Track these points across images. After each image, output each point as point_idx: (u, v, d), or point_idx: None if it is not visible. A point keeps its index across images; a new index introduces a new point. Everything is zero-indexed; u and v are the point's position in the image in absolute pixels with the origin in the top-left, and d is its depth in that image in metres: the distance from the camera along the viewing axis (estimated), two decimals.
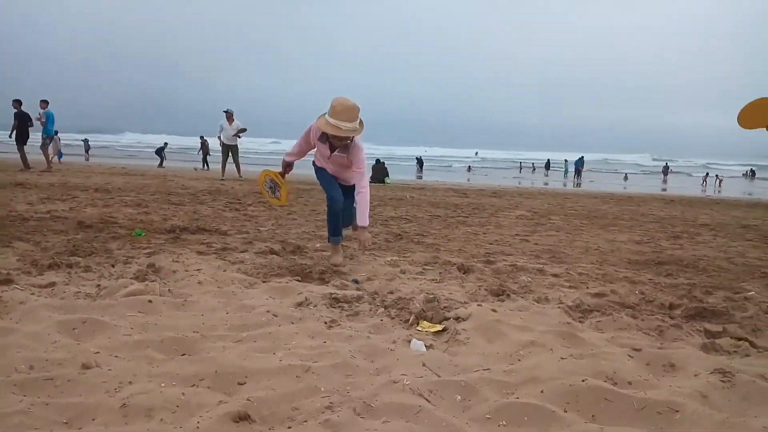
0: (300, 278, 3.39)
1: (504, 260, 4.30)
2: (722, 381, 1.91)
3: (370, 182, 4.34)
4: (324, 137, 3.85)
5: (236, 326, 2.49)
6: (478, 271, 3.84)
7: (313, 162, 4.21)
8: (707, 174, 34.81)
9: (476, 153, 74.54)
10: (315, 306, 2.79)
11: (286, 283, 3.23)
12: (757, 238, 6.36)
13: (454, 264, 3.99)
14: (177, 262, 3.63)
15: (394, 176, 17.57)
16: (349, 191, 4.15)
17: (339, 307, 2.81)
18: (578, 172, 34.19)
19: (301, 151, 4.20)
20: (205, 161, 22.59)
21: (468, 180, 25.13)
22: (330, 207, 4.03)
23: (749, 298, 3.29)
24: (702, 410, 1.71)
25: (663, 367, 2.13)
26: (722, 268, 4.41)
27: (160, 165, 22.81)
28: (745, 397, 1.86)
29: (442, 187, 14.75)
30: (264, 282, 3.30)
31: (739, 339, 2.55)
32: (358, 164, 3.87)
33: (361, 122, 3.76)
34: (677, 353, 2.23)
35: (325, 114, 3.71)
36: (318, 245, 4.57)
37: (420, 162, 37.75)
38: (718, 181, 32.54)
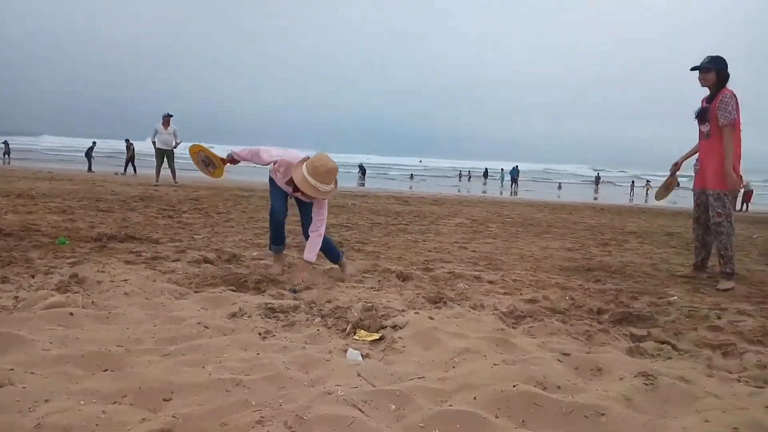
0: (234, 288, 3.30)
1: (442, 267, 4.35)
2: (645, 384, 1.99)
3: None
4: (291, 183, 3.63)
5: (164, 339, 2.39)
6: (417, 278, 3.86)
7: (270, 174, 3.97)
8: (633, 182, 36.58)
9: (420, 161, 75.59)
10: (249, 316, 2.71)
11: (220, 293, 3.13)
12: (680, 245, 6.73)
13: (394, 272, 3.99)
14: (102, 272, 3.46)
15: (348, 184, 17.43)
16: (302, 220, 3.99)
17: (274, 317, 2.75)
18: (514, 180, 35.28)
19: (253, 162, 3.89)
20: (131, 165, 21.67)
21: (410, 188, 25.39)
22: (271, 216, 3.94)
23: (672, 303, 3.47)
24: (626, 413, 1.77)
25: (590, 371, 2.20)
26: (647, 274, 4.64)
27: (89, 169, 21.78)
28: (666, 399, 1.94)
29: (384, 195, 14.82)
30: (196, 292, 3.19)
31: (662, 342, 2.68)
32: (320, 210, 3.72)
33: (335, 182, 3.62)
34: (604, 357, 2.31)
35: (302, 167, 3.49)
36: (255, 253, 4.47)
37: (362, 169, 37.84)
38: (646, 189, 34.33)
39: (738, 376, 2.26)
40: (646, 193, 32.59)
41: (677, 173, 4.81)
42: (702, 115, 4.29)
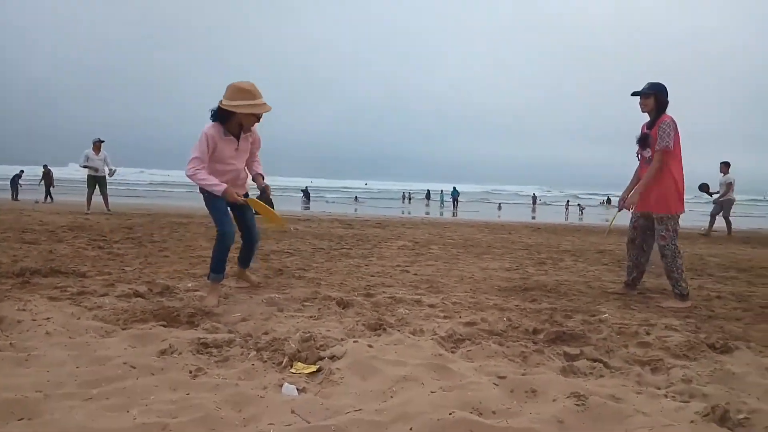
0: (165, 323, 3.16)
1: (384, 292, 4.34)
2: (576, 405, 2.03)
3: (255, 214, 4.23)
4: (227, 133, 3.82)
5: (87, 382, 2.25)
6: (358, 305, 3.83)
7: (202, 190, 3.87)
8: (568, 202, 38.03)
9: (365, 183, 76.04)
10: (180, 353, 2.60)
11: (149, 329, 2.99)
12: (612, 262, 7.00)
13: (334, 299, 3.95)
14: (23, 310, 3.25)
15: (279, 207, 17.26)
16: (246, 226, 4.16)
17: (207, 353, 2.65)
18: (455, 201, 35.97)
19: (199, 178, 3.77)
20: (48, 193, 20.70)
21: (354, 210, 25.40)
22: (222, 241, 3.86)
23: (603, 321, 3.59)
24: None
25: (525, 393, 2.23)
26: (581, 291, 4.79)
27: (14, 197, 20.62)
28: (597, 418, 1.98)
29: (327, 219, 14.74)
30: (124, 329, 3.03)
31: (594, 360, 2.76)
32: (258, 141, 4.14)
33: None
34: (538, 379, 2.35)
35: (228, 102, 3.69)
36: (190, 284, 4.32)
37: (306, 193, 37.61)
38: (580, 209, 35.76)
39: (665, 391, 2.35)
40: (581, 212, 33.95)
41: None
42: (643, 141, 4.45)
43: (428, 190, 42.97)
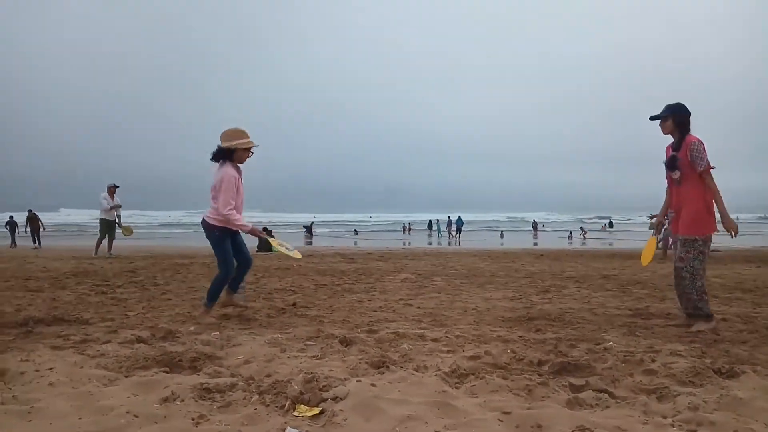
0: (168, 369, 3.15)
1: (387, 328, 4.33)
2: None
3: (258, 251, 5.28)
4: (239, 170, 4.59)
5: None
6: (361, 342, 3.82)
7: (215, 228, 4.57)
8: (570, 233, 37.89)
9: (370, 216, 76.27)
10: (182, 400, 2.59)
11: (152, 376, 2.98)
12: (616, 288, 6.98)
13: (337, 337, 3.93)
14: (27, 361, 3.24)
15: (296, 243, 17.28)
16: (241, 252, 4.84)
17: (210, 398, 2.63)
18: (459, 230, 35.90)
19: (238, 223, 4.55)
20: (35, 238, 20.70)
21: (355, 243, 25.40)
22: (225, 277, 4.66)
23: (608, 349, 3.56)
24: None
25: (531, 428, 2.21)
26: (585, 319, 4.76)
27: (12, 245, 20.69)
28: None
29: (330, 253, 14.76)
30: (126, 377, 3.02)
31: (600, 391, 2.73)
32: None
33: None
34: (543, 413, 2.33)
35: (227, 144, 4.49)
36: (192, 328, 4.31)
37: (309, 229, 37.64)
38: (582, 234, 35.70)
39: (672, 420, 2.33)
40: (583, 238, 33.87)
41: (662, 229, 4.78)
42: (672, 163, 4.39)
43: (430, 220, 42.96)
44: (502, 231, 42.59)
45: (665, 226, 4.84)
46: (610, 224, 50.23)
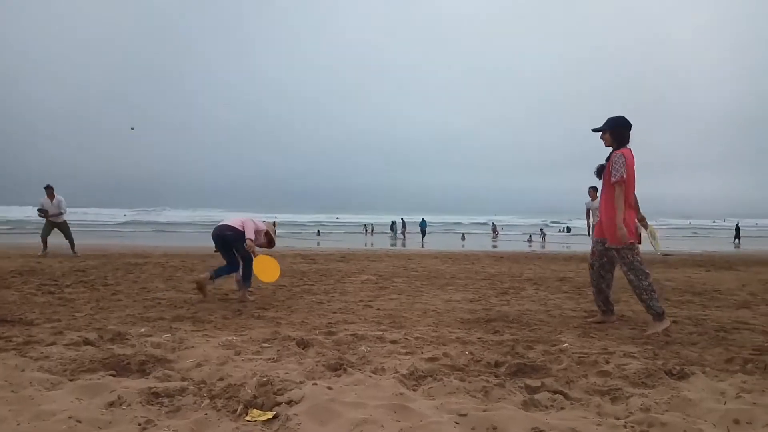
0: (115, 372, 3.01)
1: (346, 330, 4.27)
2: None
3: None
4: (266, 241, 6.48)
5: None
6: (318, 344, 3.76)
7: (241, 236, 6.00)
8: (530, 236, 38.58)
9: (337, 218, 76.00)
10: (129, 405, 2.48)
11: (98, 379, 2.85)
12: (572, 290, 7.10)
13: (294, 339, 3.86)
14: None
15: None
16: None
17: (158, 403, 2.53)
18: (423, 232, 36.09)
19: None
20: None
21: (318, 244, 25.20)
22: (249, 266, 6.03)
23: (564, 350, 3.60)
24: None
25: (486, 430, 2.20)
26: (542, 321, 4.82)
27: None
28: None
29: (290, 253, 14.56)
30: (71, 380, 2.88)
31: (555, 392, 2.75)
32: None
33: None
34: (499, 415, 2.32)
35: (270, 230, 6.50)
36: (143, 329, 4.15)
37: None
38: (542, 236, 36.40)
39: (624, 421, 2.35)
40: (543, 238, 34.55)
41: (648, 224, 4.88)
42: (598, 173, 4.62)
43: (392, 222, 42.95)
44: (463, 233, 42.98)
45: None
46: (568, 229, 51.39)
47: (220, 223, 6.15)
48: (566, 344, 3.78)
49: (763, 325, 4.67)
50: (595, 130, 4.63)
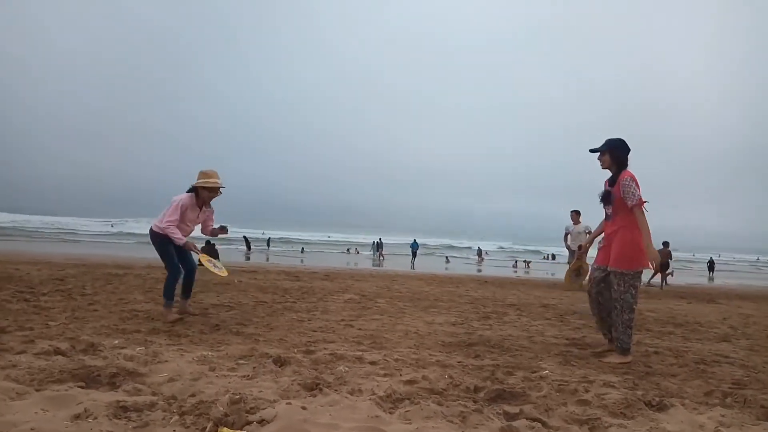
0: (84, 384, 2.93)
1: (325, 349, 4.20)
2: None
3: (199, 265, 5.70)
4: (194, 204, 5.46)
5: None
6: (296, 362, 3.69)
7: (159, 236, 5.38)
8: (515, 262, 38.69)
9: (329, 236, 75.45)
10: (95, 418, 2.40)
11: (66, 390, 2.76)
12: (555, 317, 7.08)
13: (271, 356, 3.78)
14: None
15: (225, 259, 16.91)
16: (188, 262, 5.66)
17: (126, 417, 2.45)
18: (414, 254, 35.92)
19: (174, 232, 5.32)
20: None
21: (302, 261, 25.04)
22: (172, 275, 5.40)
23: (544, 377, 3.57)
24: None
25: None
26: (524, 347, 4.78)
27: None
28: None
29: (275, 270, 14.43)
30: (38, 390, 2.79)
31: (533, 420, 2.71)
32: (212, 212, 5.73)
33: None
34: None
35: (196, 185, 5.42)
36: (117, 341, 4.06)
37: (247, 242, 36.46)
38: (526, 263, 36.54)
39: None
40: (527, 266, 34.65)
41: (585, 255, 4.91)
42: (606, 198, 4.48)
43: (374, 241, 42.58)
44: (446, 256, 42.94)
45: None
46: (552, 257, 51.61)
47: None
48: (546, 371, 3.75)
49: (742, 359, 4.67)
50: (593, 151, 4.55)
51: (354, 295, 8.67)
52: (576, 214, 12.61)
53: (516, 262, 38.90)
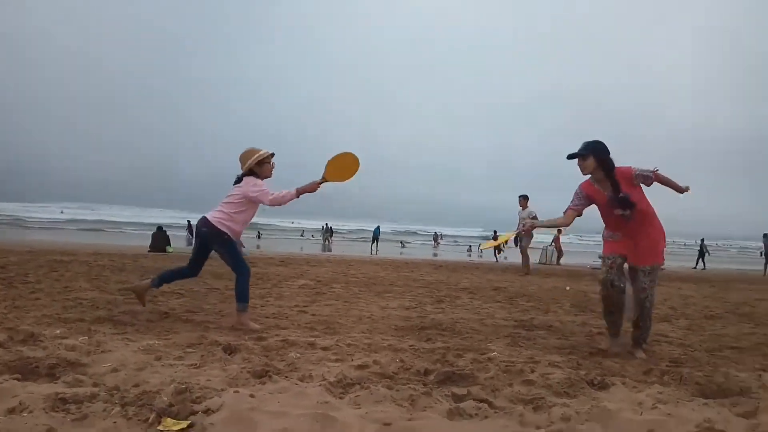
0: (21, 376, 2.81)
1: (277, 335, 4.17)
2: None
3: (150, 251, 5.45)
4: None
5: None
6: (246, 350, 3.64)
7: (223, 233, 4.74)
8: (470, 247, 39.31)
9: (292, 222, 74.27)
10: (31, 411, 2.30)
11: (0, 383, 2.64)
12: (505, 300, 7.25)
13: (221, 344, 3.72)
14: None
15: (177, 245, 16.51)
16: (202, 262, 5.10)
17: (64, 410, 2.36)
18: (375, 240, 35.86)
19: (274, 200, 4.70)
20: None
21: (258, 247, 24.74)
22: (247, 278, 4.80)
23: (492, 359, 3.64)
24: None
25: None
26: (474, 329, 4.87)
27: None
28: None
29: None
30: None
31: (481, 401, 2.76)
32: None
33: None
34: (423, 424, 2.31)
35: (251, 167, 4.70)
36: (58, 331, 3.90)
37: (190, 228, 35.08)
38: (479, 247, 37.18)
39: (545, 430, 2.39)
40: (480, 250, 35.30)
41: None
42: (626, 204, 4.06)
43: (323, 225, 42.08)
44: (401, 241, 43.25)
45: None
46: (515, 241, 52.54)
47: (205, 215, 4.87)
48: (495, 353, 3.83)
49: (680, 338, 4.90)
50: (571, 156, 4.16)
51: (309, 280, 8.63)
52: (524, 200, 12.97)
53: (470, 246, 39.53)
